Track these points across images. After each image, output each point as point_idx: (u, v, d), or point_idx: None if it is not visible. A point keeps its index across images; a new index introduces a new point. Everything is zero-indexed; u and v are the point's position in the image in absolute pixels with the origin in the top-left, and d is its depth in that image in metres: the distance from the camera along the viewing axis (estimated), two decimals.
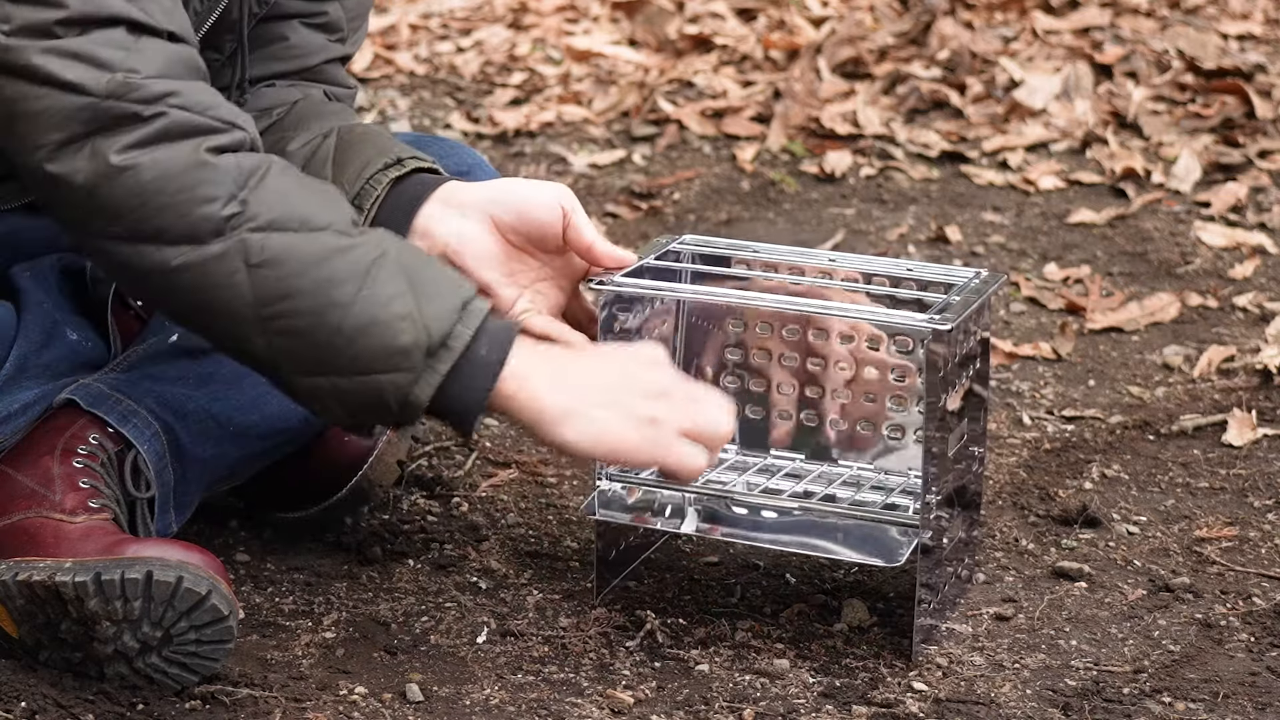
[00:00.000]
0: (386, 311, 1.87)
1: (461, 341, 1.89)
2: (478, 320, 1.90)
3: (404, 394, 1.89)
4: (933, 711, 2.01)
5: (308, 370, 1.91)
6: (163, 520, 2.15)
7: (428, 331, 1.88)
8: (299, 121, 2.22)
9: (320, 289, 1.87)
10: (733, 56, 4.46)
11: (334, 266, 1.88)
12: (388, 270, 1.89)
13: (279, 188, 1.89)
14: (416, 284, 1.89)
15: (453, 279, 1.93)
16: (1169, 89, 4.20)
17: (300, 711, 1.98)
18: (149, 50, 1.89)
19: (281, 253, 1.87)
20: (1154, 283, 3.26)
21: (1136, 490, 2.54)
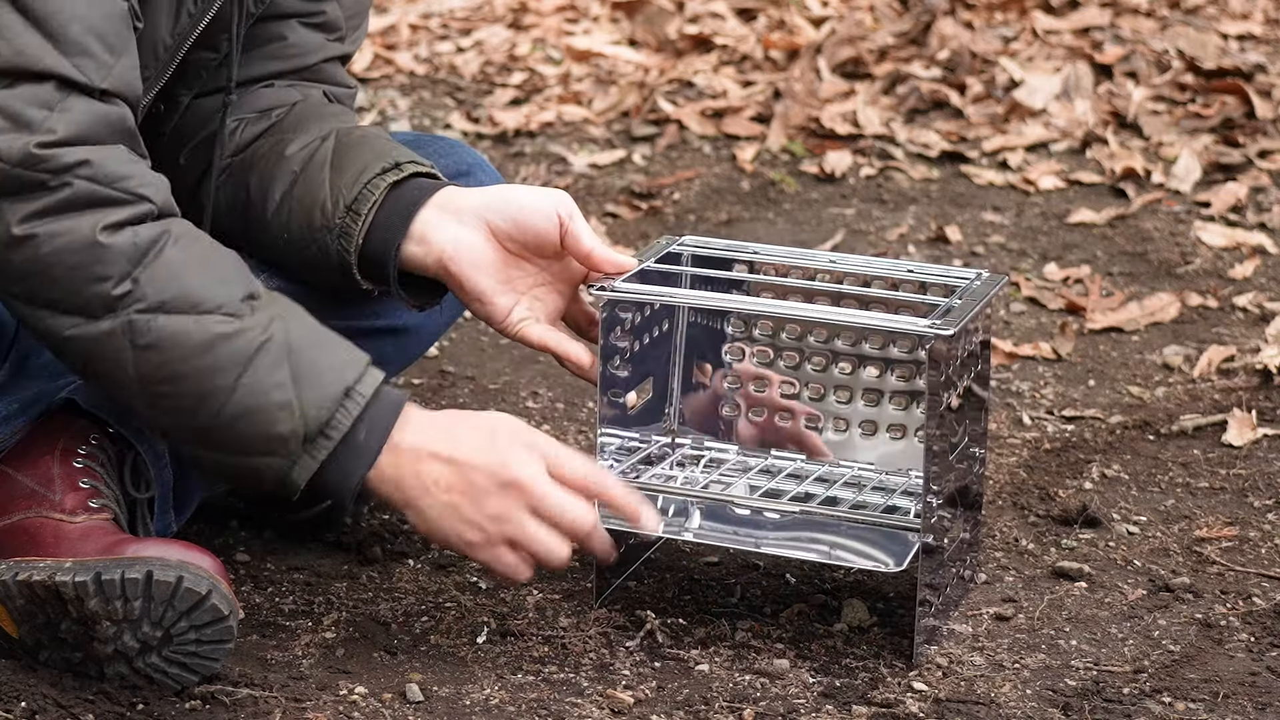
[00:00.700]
0: (266, 400, 1.91)
1: (340, 430, 1.93)
2: (359, 407, 1.94)
3: (281, 477, 1.94)
4: (933, 711, 2.01)
5: (191, 443, 1.97)
6: (163, 520, 2.15)
7: (304, 420, 1.92)
8: (297, 124, 2.22)
9: (201, 376, 1.91)
10: (733, 56, 4.46)
11: (216, 354, 1.90)
12: (271, 357, 1.91)
13: (173, 265, 1.91)
14: (299, 370, 1.92)
15: (340, 362, 1.95)
16: (1169, 89, 4.20)
17: (300, 711, 1.98)
18: (74, 110, 1.89)
19: (166, 338, 1.90)
20: (1154, 283, 3.26)
21: (1136, 490, 2.54)
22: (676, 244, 2.27)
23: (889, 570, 2.09)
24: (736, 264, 2.26)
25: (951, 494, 2.12)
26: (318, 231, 2.14)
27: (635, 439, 2.22)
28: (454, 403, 2.76)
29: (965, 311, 2.08)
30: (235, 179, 2.22)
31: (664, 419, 2.29)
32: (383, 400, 1.96)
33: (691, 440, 2.31)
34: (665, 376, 2.28)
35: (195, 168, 2.25)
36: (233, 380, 1.90)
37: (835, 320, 2.18)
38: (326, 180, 2.14)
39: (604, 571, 2.20)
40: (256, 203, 2.19)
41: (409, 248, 2.12)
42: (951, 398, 2.08)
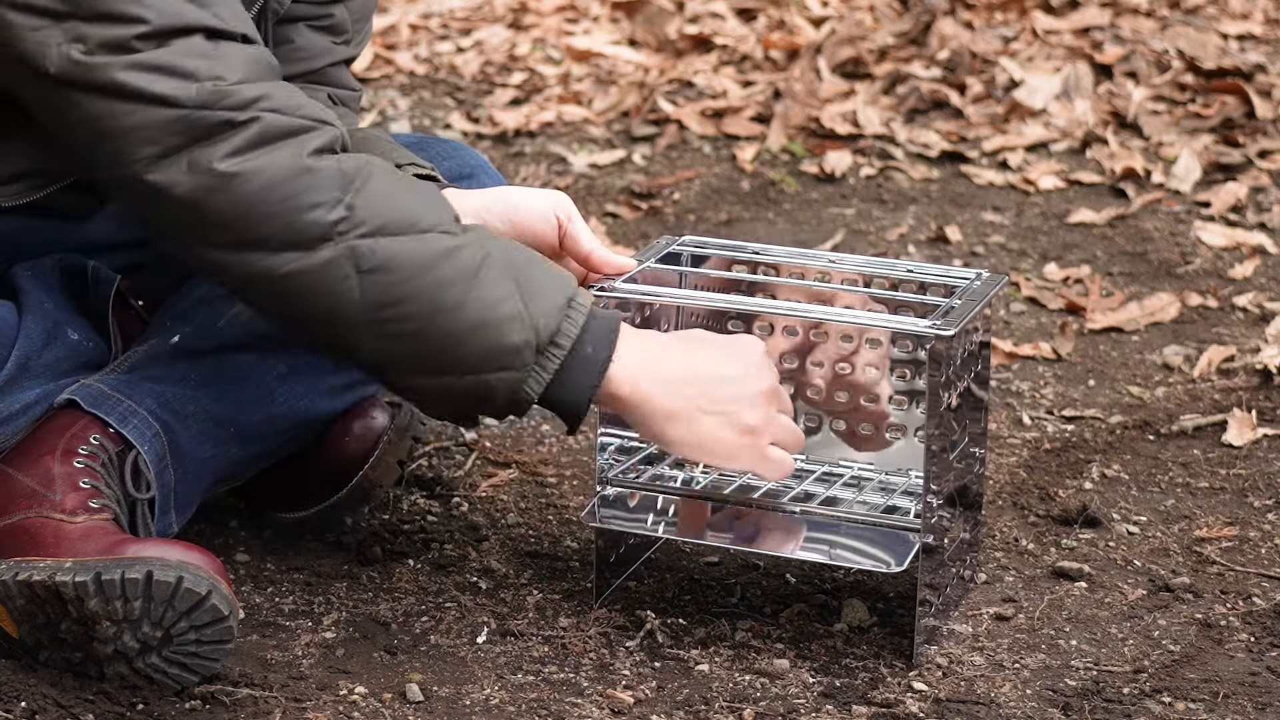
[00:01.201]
0: (495, 312, 1.91)
1: (569, 339, 1.94)
2: (583, 316, 1.95)
3: (514, 391, 1.94)
4: (933, 711, 2.01)
5: (418, 371, 1.95)
6: (163, 521, 2.15)
7: (535, 330, 1.92)
8: None
9: (430, 293, 1.90)
10: (733, 56, 4.46)
11: (442, 270, 1.90)
12: (495, 270, 1.92)
13: (383, 190, 1.91)
14: (523, 283, 1.92)
15: (556, 275, 1.96)
16: (1169, 89, 4.20)
17: (300, 711, 1.98)
18: (230, 55, 1.91)
19: (391, 258, 1.89)
20: (1154, 283, 3.26)
21: (1136, 490, 2.54)
22: (676, 244, 2.27)
23: (890, 570, 2.09)
24: (736, 264, 2.27)
25: (951, 494, 2.12)
26: None
27: (635, 439, 2.22)
28: None
29: (965, 312, 2.08)
30: None
31: None
32: (601, 315, 1.97)
33: None
34: None
35: None
36: (462, 295, 1.90)
37: (835, 320, 2.18)
38: None
39: (604, 571, 2.20)
40: None
41: None
42: (951, 398, 2.08)
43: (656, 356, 2.00)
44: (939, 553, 2.10)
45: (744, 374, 2.02)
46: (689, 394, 1.99)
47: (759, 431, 2.02)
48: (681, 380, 2.00)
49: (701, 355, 2.03)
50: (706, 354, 2.03)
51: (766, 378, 2.03)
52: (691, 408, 1.99)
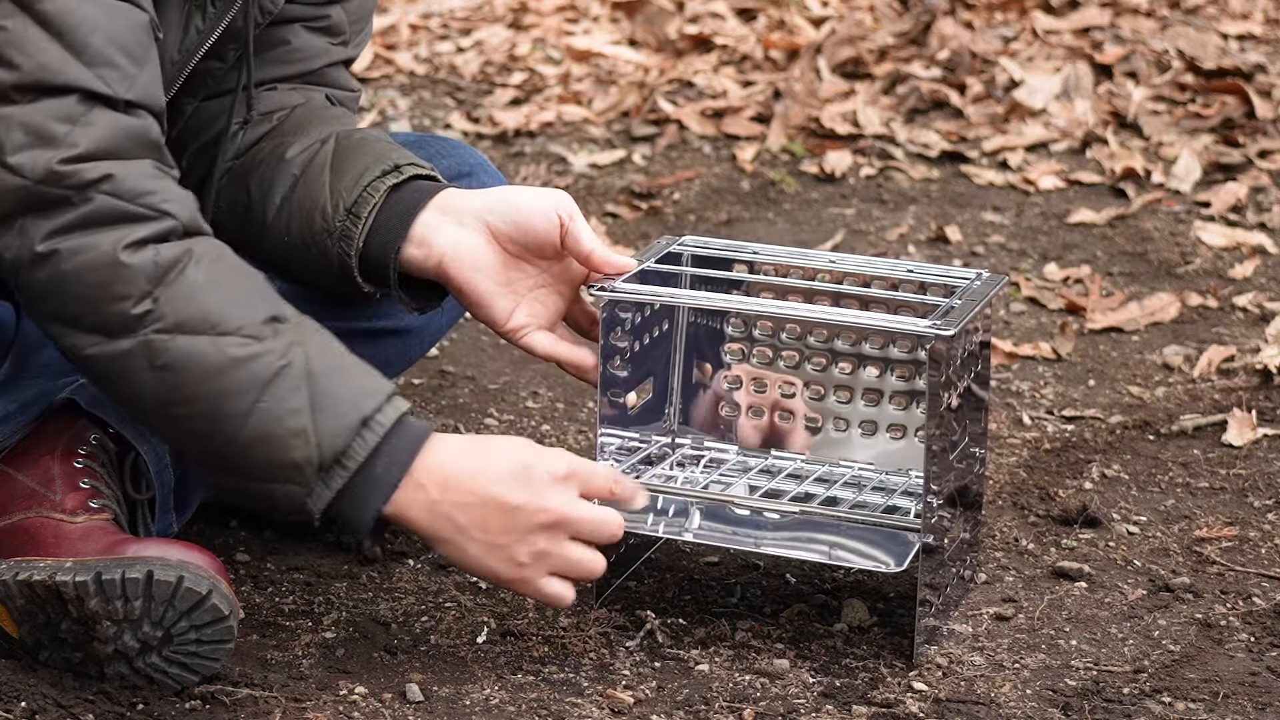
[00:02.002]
0: (281, 427, 1.89)
1: (355, 461, 1.90)
2: (376, 437, 1.91)
3: (297, 504, 1.92)
4: (933, 711, 2.01)
5: (208, 467, 1.97)
6: (163, 521, 2.15)
7: (320, 449, 1.89)
8: (298, 127, 2.22)
9: (217, 399, 1.88)
10: (733, 56, 4.46)
11: (232, 377, 1.88)
12: (289, 382, 1.89)
13: (194, 285, 1.89)
14: (317, 398, 1.90)
15: (360, 391, 1.92)
16: (1169, 89, 4.20)
17: (300, 711, 1.98)
18: (98, 124, 1.88)
19: (183, 359, 1.88)
20: (1154, 283, 3.26)
21: (1136, 490, 2.54)
22: (676, 244, 2.27)
23: (889, 570, 2.09)
24: (737, 264, 2.26)
25: (951, 494, 2.12)
26: (318, 235, 2.14)
27: (635, 439, 2.22)
28: (454, 403, 2.76)
29: (965, 312, 2.08)
30: (236, 182, 2.22)
31: (664, 419, 2.29)
32: (404, 432, 1.93)
33: (691, 440, 2.31)
34: (665, 376, 2.28)
35: (197, 171, 2.25)
36: (248, 405, 1.88)
37: (835, 321, 2.18)
38: (326, 183, 2.14)
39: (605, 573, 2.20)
40: (257, 206, 2.19)
41: (409, 250, 2.11)
42: (951, 398, 2.08)
43: (448, 476, 1.94)
44: (939, 553, 2.10)
45: (525, 505, 1.95)
46: (461, 522, 1.95)
47: (528, 567, 1.97)
48: (461, 506, 1.95)
49: (491, 479, 1.96)
50: (496, 477, 1.96)
51: (550, 509, 1.96)
52: (463, 538, 1.95)
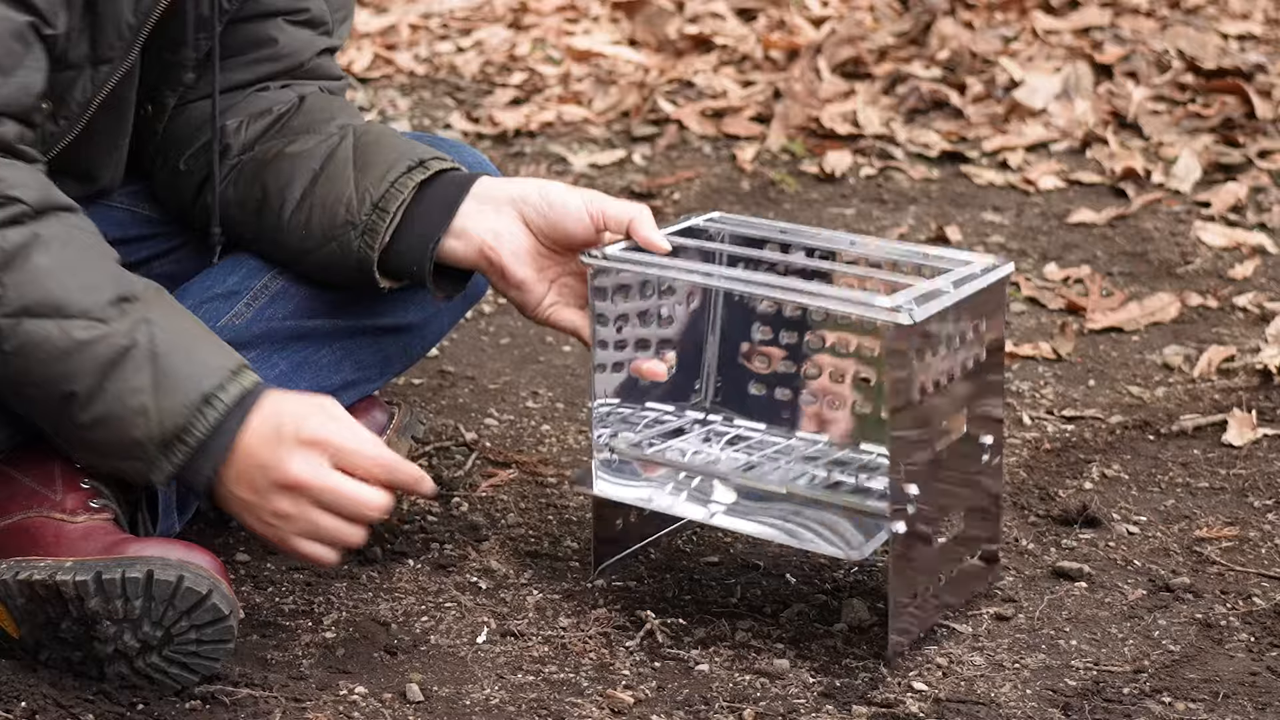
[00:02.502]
0: (123, 407, 1.93)
1: (195, 438, 1.94)
2: (218, 414, 1.94)
3: (143, 477, 1.97)
4: (933, 711, 2.01)
5: (65, 443, 2.00)
6: (165, 522, 2.15)
7: (161, 426, 1.93)
8: (309, 122, 2.24)
9: (61, 381, 1.92)
10: (733, 56, 4.46)
11: (76, 360, 1.92)
12: (133, 363, 1.93)
13: (39, 270, 1.91)
14: (159, 377, 1.93)
15: (203, 368, 1.95)
16: (1169, 89, 4.21)
17: (300, 711, 1.98)
18: None
19: (28, 343, 1.91)
20: (1154, 283, 3.26)
21: (1136, 490, 2.54)
22: (704, 219, 2.26)
23: (845, 557, 2.06)
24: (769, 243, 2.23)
25: (935, 485, 2.10)
26: (339, 229, 2.16)
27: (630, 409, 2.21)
28: (454, 403, 2.77)
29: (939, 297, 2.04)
30: (246, 178, 2.24)
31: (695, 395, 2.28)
32: (244, 404, 1.96)
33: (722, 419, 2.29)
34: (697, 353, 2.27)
35: (198, 171, 2.26)
36: (92, 386, 1.92)
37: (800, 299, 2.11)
38: (351, 178, 2.17)
39: (600, 547, 2.21)
40: (274, 200, 2.21)
41: (449, 242, 2.15)
42: (925, 384, 2.04)
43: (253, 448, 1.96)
44: (914, 543, 2.08)
45: (266, 463, 1.97)
46: (236, 484, 1.97)
47: (275, 527, 1.99)
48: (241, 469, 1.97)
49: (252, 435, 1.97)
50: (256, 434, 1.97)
51: (287, 472, 1.96)
52: (234, 497, 1.99)
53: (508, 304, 3.12)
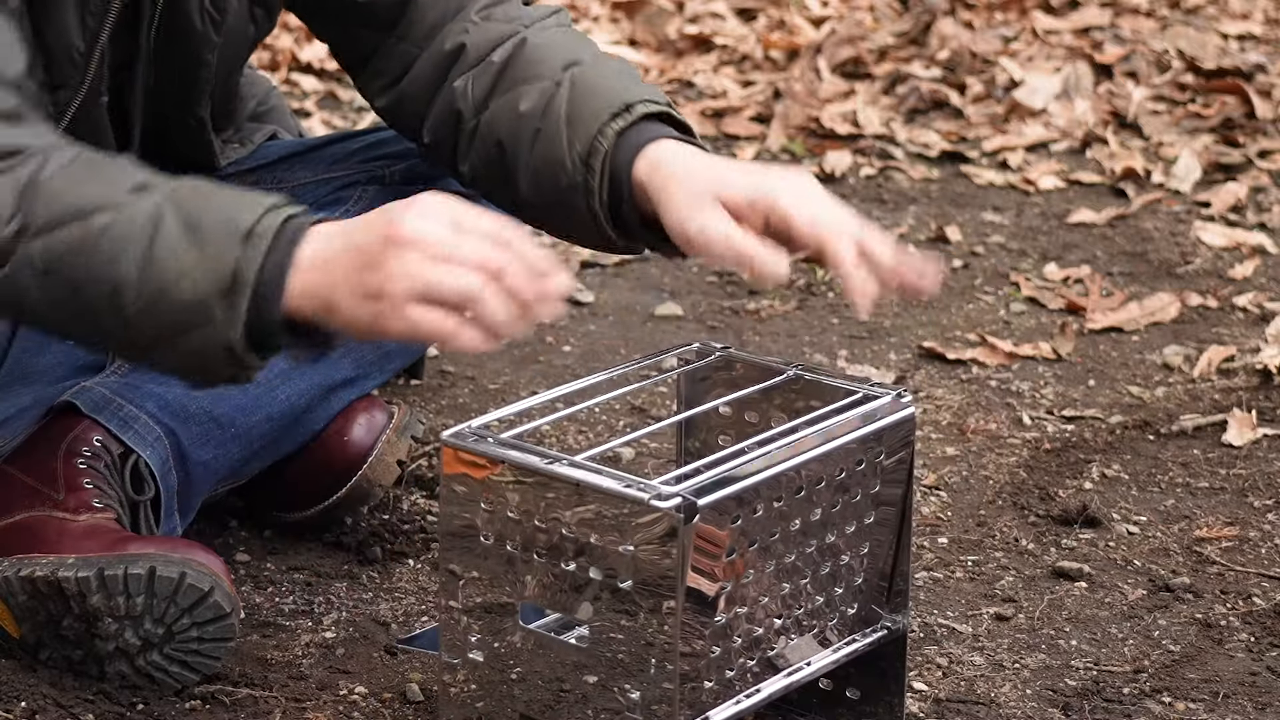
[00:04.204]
0: (166, 275, 1.76)
1: (249, 274, 1.75)
2: (265, 243, 1.76)
3: (221, 344, 1.77)
4: (933, 711, 2.01)
5: (137, 350, 1.84)
6: (168, 524, 2.15)
7: (213, 278, 1.76)
8: (530, 71, 2.11)
9: (100, 277, 1.78)
10: (733, 56, 4.46)
11: (104, 249, 1.78)
12: (164, 230, 1.78)
13: (53, 186, 1.80)
14: (195, 234, 1.77)
15: (233, 211, 1.78)
16: (1169, 89, 4.21)
17: (300, 711, 1.98)
18: None
19: (56, 253, 1.79)
20: (1154, 283, 3.26)
21: (1136, 490, 2.54)
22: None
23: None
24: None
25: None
26: (564, 192, 2.03)
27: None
28: (454, 403, 2.76)
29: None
30: (484, 140, 2.11)
31: None
32: (290, 230, 1.78)
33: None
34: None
35: (444, 144, 2.16)
36: (128, 268, 1.77)
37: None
38: (564, 135, 2.03)
39: None
40: (509, 164, 2.09)
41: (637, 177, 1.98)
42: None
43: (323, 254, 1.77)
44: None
45: (373, 222, 1.77)
46: (335, 265, 1.76)
47: (384, 293, 1.74)
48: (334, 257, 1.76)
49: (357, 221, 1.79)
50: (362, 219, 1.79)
51: (401, 225, 1.74)
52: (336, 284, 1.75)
53: None
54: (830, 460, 1.81)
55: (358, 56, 2.21)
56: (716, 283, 3.22)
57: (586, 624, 1.75)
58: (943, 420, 2.72)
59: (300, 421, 2.26)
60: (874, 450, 1.86)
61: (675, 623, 1.69)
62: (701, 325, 3.05)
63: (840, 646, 1.89)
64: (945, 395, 2.80)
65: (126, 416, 2.12)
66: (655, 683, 1.71)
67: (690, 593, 1.70)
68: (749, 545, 1.76)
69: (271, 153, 2.37)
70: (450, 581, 1.80)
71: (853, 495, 1.85)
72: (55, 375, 2.16)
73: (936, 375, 2.88)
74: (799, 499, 1.79)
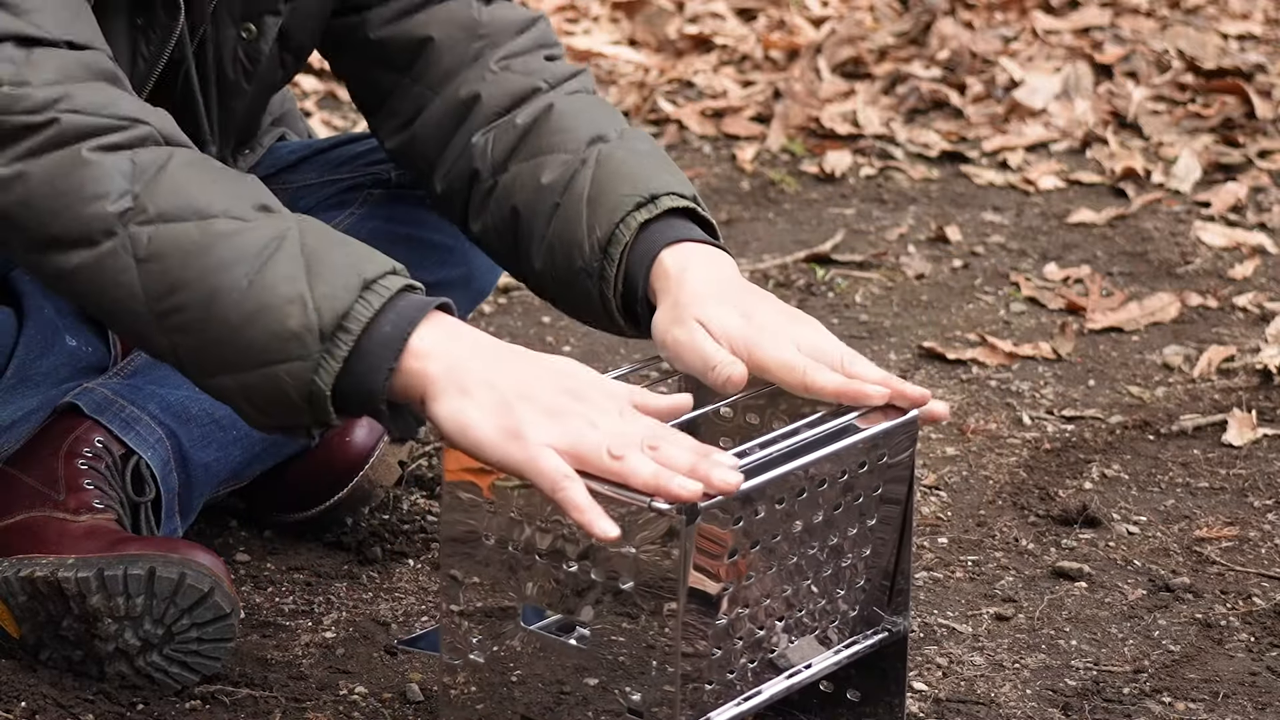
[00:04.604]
0: (274, 295, 1.72)
1: (358, 322, 1.71)
2: (382, 298, 1.72)
3: (304, 384, 1.72)
4: (933, 711, 2.01)
5: (210, 369, 1.79)
6: (169, 525, 2.15)
7: (319, 313, 1.72)
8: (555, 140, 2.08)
9: (205, 277, 1.75)
10: (733, 56, 4.46)
11: (220, 253, 1.75)
12: (285, 253, 1.75)
13: (177, 179, 1.78)
14: (315, 264, 1.74)
15: (360, 258, 1.76)
16: (1169, 89, 4.21)
17: (300, 711, 1.98)
18: (42, 60, 1.80)
19: (167, 244, 1.75)
20: (1154, 283, 3.26)
21: (1136, 490, 2.54)
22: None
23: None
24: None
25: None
26: (578, 274, 2.00)
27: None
28: None
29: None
30: (499, 203, 2.09)
31: None
32: (411, 299, 1.74)
33: None
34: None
35: (458, 195, 2.14)
36: (239, 278, 1.74)
37: None
38: (584, 218, 2.00)
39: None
40: (525, 236, 2.06)
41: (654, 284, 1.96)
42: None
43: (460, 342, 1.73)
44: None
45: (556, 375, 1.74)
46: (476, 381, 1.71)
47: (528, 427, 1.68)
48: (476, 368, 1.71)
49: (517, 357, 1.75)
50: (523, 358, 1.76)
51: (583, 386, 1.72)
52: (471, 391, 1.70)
53: (508, 304, 3.12)
54: (832, 462, 1.81)
55: (375, 97, 2.19)
56: None
57: (587, 626, 1.75)
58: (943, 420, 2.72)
59: None
60: (876, 451, 1.86)
61: (677, 624, 1.69)
62: None
63: (841, 648, 1.89)
64: (945, 395, 2.80)
65: (128, 418, 2.12)
66: (656, 684, 1.71)
67: (692, 594, 1.70)
68: (751, 546, 1.76)
69: (279, 157, 2.37)
70: (451, 586, 1.80)
71: (855, 497, 1.85)
72: (59, 378, 2.16)
73: (936, 375, 2.88)
74: (801, 500, 1.79)
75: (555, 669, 1.77)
